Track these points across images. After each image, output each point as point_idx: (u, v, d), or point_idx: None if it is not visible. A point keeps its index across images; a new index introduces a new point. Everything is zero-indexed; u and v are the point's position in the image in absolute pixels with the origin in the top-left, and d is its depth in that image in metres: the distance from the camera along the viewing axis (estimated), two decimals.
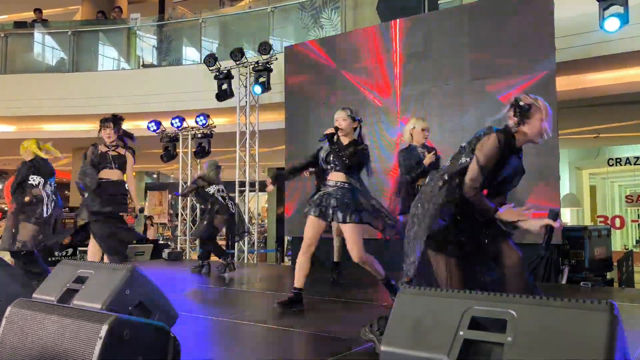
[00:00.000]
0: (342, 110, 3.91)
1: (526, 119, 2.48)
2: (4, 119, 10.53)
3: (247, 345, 3.09)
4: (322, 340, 3.20)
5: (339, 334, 3.31)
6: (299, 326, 3.53)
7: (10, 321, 2.00)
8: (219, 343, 3.08)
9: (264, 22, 9.53)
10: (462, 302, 1.59)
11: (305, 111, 7.96)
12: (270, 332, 3.37)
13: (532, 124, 2.49)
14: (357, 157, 3.77)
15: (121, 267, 2.44)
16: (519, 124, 2.50)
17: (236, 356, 2.88)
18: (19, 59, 11.03)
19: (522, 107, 2.49)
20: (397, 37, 7.15)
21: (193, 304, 4.60)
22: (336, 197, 3.72)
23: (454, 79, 6.55)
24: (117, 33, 11.22)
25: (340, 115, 3.88)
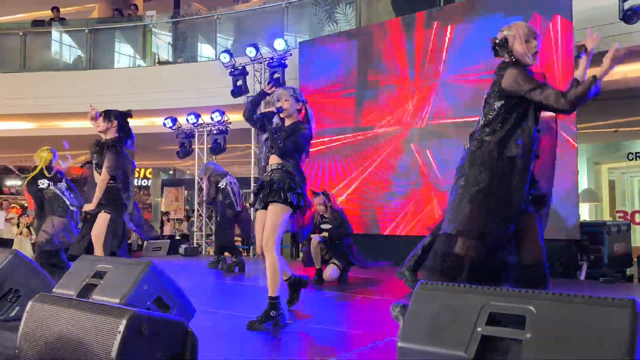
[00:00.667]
0: (284, 90, 3.55)
1: (510, 48, 2.59)
2: (23, 117, 10.67)
3: (263, 340, 3.10)
4: (338, 336, 3.20)
5: (354, 329, 3.31)
6: (314, 322, 3.53)
7: (32, 315, 2.02)
8: (235, 338, 3.09)
9: (278, 18, 9.51)
10: (479, 298, 1.58)
11: (320, 106, 7.95)
12: (285, 327, 3.38)
13: (516, 49, 2.59)
14: (292, 139, 3.35)
15: (139, 262, 2.47)
16: (511, 58, 2.59)
17: (252, 352, 2.89)
18: (37, 57, 11.16)
19: (499, 43, 2.61)
20: (414, 30, 7.10)
21: (209, 299, 4.63)
22: (264, 181, 3.39)
23: (468, 77, 6.50)
24: (133, 30, 11.30)
25: (282, 94, 3.51)
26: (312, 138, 3.50)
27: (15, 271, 3.17)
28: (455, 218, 2.45)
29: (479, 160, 2.50)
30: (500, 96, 2.53)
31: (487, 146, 2.50)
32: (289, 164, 3.37)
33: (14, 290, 3.18)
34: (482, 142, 2.52)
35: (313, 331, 3.29)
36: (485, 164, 2.47)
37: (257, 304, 3.31)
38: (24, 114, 10.46)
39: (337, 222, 5.22)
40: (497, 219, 2.41)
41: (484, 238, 2.40)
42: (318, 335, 3.20)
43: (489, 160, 2.47)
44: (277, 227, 3.25)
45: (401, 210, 7.00)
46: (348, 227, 5.26)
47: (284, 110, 3.44)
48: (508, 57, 2.60)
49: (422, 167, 6.87)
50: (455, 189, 2.53)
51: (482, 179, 2.44)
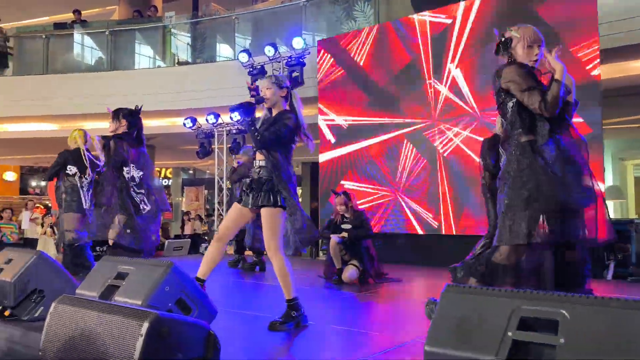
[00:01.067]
0: (266, 79, 3.30)
1: (511, 50, 2.60)
2: (47, 118, 10.84)
3: (284, 342, 3.08)
4: (359, 337, 3.16)
5: (376, 330, 3.27)
6: (335, 322, 3.50)
7: (55, 317, 2.03)
8: (256, 339, 3.08)
9: (296, 17, 9.49)
10: (510, 302, 1.53)
11: (339, 104, 7.92)
12: (307, 328, 3.35)
13: (517, 52, 2.59)
14: (272, 130, 3.10)
15: (161, 263, 2.46)
16: (510, 58, 2.60)
17: (273, 353, 2.87)
18: (59, 59, 11.32)
19: (503, 42, 2.62)
20: (432, 27, 7.01)
21: (229, 298, 4.63)
22: (253, 179, 3.19)
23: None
24: (153, 31, 11.38)
25: (262, 84, 3.27)
26: (300, 127, 3.21)
27: (39, 272, 3.20)
28: (504, 226, 2.41)
29: (518, 164, 2.46)
30: (508, 95, 2.52)
31: (523, 148, 2.47)
32: (274, 159, 3.13)
33: (38, 291, 3.20)
34: (517, 146, 2.48)
35: (334, 333, 3.25)
36: (526, 166, 2.43)
37: (278, 303, 3.29)
38: (47, 115, 10.62)
39: (357, 223, 5.17)
40: (546, 222, 2.35)
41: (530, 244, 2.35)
42: (340, 336, 3.17)
43: (528, 162, 2.43)
44: (275, 229, 3.12)
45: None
46: (368, 229, 5.20)
47: (267, 100, 3.21)
48: (507, 58, 2.61)
49: (442, 162, 6.78)
50: (502, 197, 2.49)
51: (525, 183, 2.39)
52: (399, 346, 2.84)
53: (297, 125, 3.18)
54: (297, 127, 3.19)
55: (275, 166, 3.12)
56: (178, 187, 18.47)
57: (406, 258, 6.87)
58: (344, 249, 5.15)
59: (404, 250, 7.05)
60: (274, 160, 3.13)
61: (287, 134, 3.14)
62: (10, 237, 9.28)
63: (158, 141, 11.53)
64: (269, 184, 3.11)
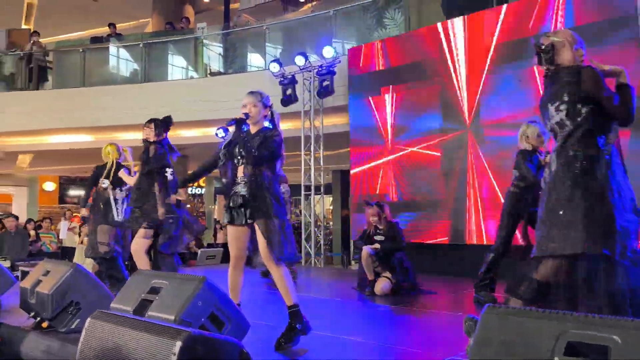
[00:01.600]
0: (251, 95, 3.29)
1: (556, 56, 2.47)
2: (84, 130, 11.11)
3: (317, 355, 3.03)
4: (394, 354, 3.09)
5: (410, 346, 3.19)
6: (368, 337, 3.44)
7: (90, 333, 2.04)
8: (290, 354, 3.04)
9: (326, 26, 9.50)
10: (556, 325, 1.45)
11: (370, 112, 7.87)
12: (341, 342, 3.30)
13: (563, 57, 2.47)
14: (265, 146, 3.12)
15: (193, 278, 2.46)
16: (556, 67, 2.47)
17: None
18: (95, 73, 11.60)
19: (545, 50, 2.49)
20: (465, 33, 6.90)
21: (262, 310, 4.61)
22: (243, 195, 3.13)
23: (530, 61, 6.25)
24: (185, 43, 11.56)
25: (249, 101, 3.26)
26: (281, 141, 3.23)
27: (75, 284, 3.25)
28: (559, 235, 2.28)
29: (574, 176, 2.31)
30: (586, 100, 2.35)
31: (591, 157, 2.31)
32: (262, 173, 3.13)
33: (75, 303, 3.25)
34: (575, 156, 2.33)
35: (367, 348, 3.19)
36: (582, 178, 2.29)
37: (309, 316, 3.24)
38: (84, 127, 10.89)
39: (390, 235, 5.09)
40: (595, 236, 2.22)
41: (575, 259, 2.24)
42: (373, 352, 3.10)
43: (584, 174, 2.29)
44: (270, 240, 3.07)
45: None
46: (401, 241, 5.11)
47: (251, 117, 3.22)
48: (551, 65, 2.48)
49: (474, 169, 6.64)
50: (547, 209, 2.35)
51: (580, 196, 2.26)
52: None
53: (281, 142, 3.21)
54: (281, 143, 3.22)
55: (265, 182, 3.12)
56: (211, 196, 18.67)
57: (438, 268, 6.75)
58: (377, 261, 5.07)
59: (437, 260, 6.92)
60: (262, 176, 3.13)
61: (279, 150, 3.18)
62: (49, 246, 9.52)
63: (191, 151, 11.67)
64: (257, 198, 3.08)
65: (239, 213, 3.14)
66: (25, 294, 3.46)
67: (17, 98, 11.19)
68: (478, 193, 6.61)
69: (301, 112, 9.06)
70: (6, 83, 11.79)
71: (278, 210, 3.10)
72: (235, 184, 3.20)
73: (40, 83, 11.71)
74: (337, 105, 8.85)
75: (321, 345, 3.18)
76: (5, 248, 8.09)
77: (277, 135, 3.19)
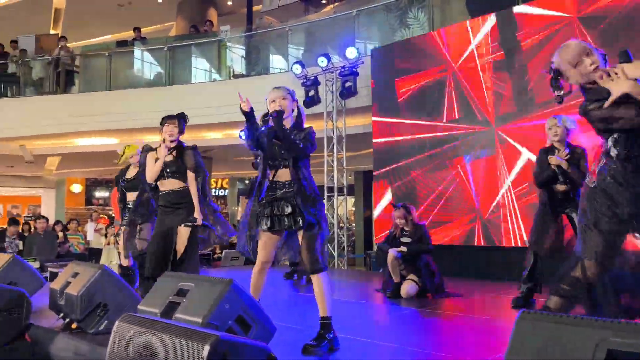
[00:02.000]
0: (278, 89, 3.14)
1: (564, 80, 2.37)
2: (110, 132, 11.29)
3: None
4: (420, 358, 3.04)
5: (437, 350, 3.14)
6: (393, 341, 3.40)
7: (118, 336, 2.05)
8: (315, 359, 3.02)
9: (349, 26, 9.47)
10: (594, 332, 1.40)
11: (394, 113, 7.81)
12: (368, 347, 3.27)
13: (572, 77, 2.35)
14: (308, 139, 3.01)
15: (220, 280, 2.45)
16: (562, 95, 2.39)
17: None
18: (121, 76, 11.78)
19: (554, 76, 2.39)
20: (490, 33, 6.80)
21: (285, 312, 4.60)
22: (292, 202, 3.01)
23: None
24: (209, 46, 11.67)
25: (278, 95, 3.09)
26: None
27: (103, 286, 3.29)
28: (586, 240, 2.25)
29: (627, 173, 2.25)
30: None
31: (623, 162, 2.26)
32: (304, 176, 3.01)
33: (103, 305, 3.29)
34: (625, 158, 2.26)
35: (392, 352, 3.15)
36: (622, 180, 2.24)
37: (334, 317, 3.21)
38: (110, 129, 11.06)
39: (417, 237, 5.04)
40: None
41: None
42: (397, 357, 3.06)
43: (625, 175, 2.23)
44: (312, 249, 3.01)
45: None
46: (428, 243, 5.04)
47: (284, 110, 3.05)
48: (560, 91, 2.38)
49: (500, 171, 6.54)
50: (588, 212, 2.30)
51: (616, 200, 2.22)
52: None
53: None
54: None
55: (305, 183, 3.01)
56: (234, 197, 18.80)
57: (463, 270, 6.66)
58: (403, 263, 5.02)
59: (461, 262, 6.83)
60: (306, 179, 3.03)
61: (314, 147, 3.08)
62: (77, 247, 9.69)
63: (215, 153, 11.77)
64: (298, 208, 2.98)
65: (283, 220, 3.03)
66: (55, 296, 3.52)
67: (45, 102, 11.44)
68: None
69: (324, 113, 9.05)
70: (35, 87, 12.05)
71: (320, 216, 3.04)
72: (275, 188, 3.06)
73: (68, 87, 11.94)
74: (360, 105, 8.82)
75: (346, 347, 3.16)
76: (34, 249, 8.25)
77: (311, 129, 3.10)
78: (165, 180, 4.07)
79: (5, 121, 11.26)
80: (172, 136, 4.10)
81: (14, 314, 3.32)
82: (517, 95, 6.48)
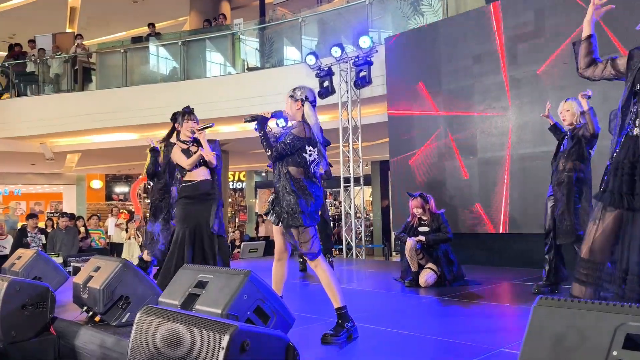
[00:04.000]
0: (288, 94, 3.39)
1: None
2: (128, 128, 11.42)
3: (359, 349, 3.03)
4: (439, 346, 3.05)
5: (456, 338, 3.14)
6: (412, 329, 3.40)
7: (140, 327, 2.09)
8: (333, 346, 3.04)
9: (362, 15, 9.42)
10: (613, 317, 1.39)
11: (408, 102, 7.76)
12: (386, 335, 3.28)
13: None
14: (282, 142, 3.17)
15: (239, 272, 2.48)
16: None
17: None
18: (137, 72, 11.88)
19: None
20: (505, 18, 6.71)
21: (304, 303, 4.64)
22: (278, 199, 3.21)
23: (572, 58, 6.00)
24: (223, 39, 11.69)
25: (286, 98, 3.40)
26: (310, 138, 3.20)
27: (124, 279, 3.35)
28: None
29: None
30: None
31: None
32: (289, 173, 3.16)
33: (125, 298, 3.35)
34: None
35: (412, 340, 3.16)
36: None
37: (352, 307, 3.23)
38: (128, 125, 11.18)
39: (435, 226, 5.02)
40: None
41: None
42: (418, 345, 3.07)
43: None
44: (307, 244, 3.13)
45: None
46: (446, 232, 5.01)
47: (286, 113, 3.37)
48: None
49: (510, 157, 6.47)
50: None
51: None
52: (484, 355, 2.71)
53: (305, 137, 3.18)
54: (305, 139, 3.18)
55: (295, 184, 3.14)
56: (251, 190, 18.91)
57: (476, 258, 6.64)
58: (421, 252, 5.01)
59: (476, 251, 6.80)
60: (292, 177, 3.16)
61: (291, 144, 3.14)
62: (98, 242, 9.85)
63: (231, 146, 11.83)
64: (288, 205, 3.12)
65: (274, 215, 3.26)
66: (78, 290, 3.59)
67: (63, 100, 11.60)
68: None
69: (338, 103, 9.03)
70: (52, 85, 12.22)
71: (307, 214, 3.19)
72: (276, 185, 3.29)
73: (85, 84, 12.09)
74: (375, 95, 8.78)
75: (365, 336, 3.18)
76: (57, 245, 8.41)
77: (297, 130, 3.25)
78: (194, 170, 4.33)
79: (25, 120, 11.46)
80: (195, 129, 4.39)
81: (40, 308, 3.41)
82: (534, 80, 6.39)
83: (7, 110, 11.66)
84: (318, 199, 3.20)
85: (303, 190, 3.15)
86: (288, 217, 3.12)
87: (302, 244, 3.14)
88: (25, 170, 16.13)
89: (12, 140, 11.91)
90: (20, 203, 17.25)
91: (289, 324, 2.61)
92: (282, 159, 3.18)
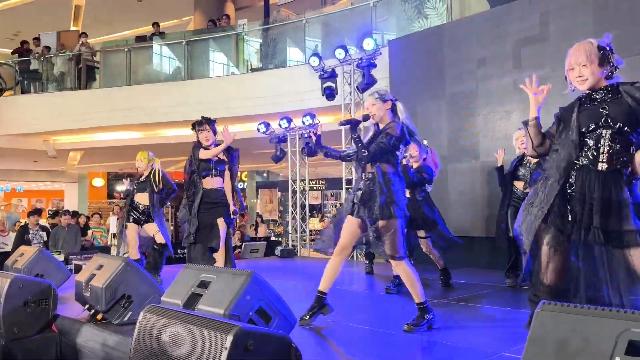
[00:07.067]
0: (370, 96, 3.53)
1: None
2: (131, 127, 11.44)
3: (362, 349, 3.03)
4: (442, 349, 3.05)
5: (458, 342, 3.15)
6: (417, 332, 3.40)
7: (143, 326, 2.10)
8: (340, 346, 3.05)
9: (366, 17, 9.43)
10: (616, 323, 1.39)
11: (412, 105, 7.76)
12: (386, 335, 3.29)
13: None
14: (376, 142, 3.30)
15: (241, 272, 2.49)
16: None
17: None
18: (140, 71, 11.91)
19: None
20: (510, 22, 6.71)
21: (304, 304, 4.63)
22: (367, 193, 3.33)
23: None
24: (226, 39, 11.71)
25: (368, 102, 3.52)
26: (403, 135, 3.33)
27: (127, 278, 3.35)
28: None
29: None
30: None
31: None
32: (382, 171, 3.31)
33: (127, 296, 3.36)
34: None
35: (412, 343, 3.16)
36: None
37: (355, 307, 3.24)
38: (131, 124, 11.21)
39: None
40: None
41: None
42: (418, 348, 3.08)
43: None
44: (394, 239, 3.25)
45: None
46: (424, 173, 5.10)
47: (373, 116, 3.45)
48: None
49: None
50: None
51: None
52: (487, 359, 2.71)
53: (402, 135, 3.32)
54: (402, 137, 3.33)
55: (385, 179, 3.27)
56: (253, 190, 18.92)
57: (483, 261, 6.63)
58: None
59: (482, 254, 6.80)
60: (383, 173, 3.30)
61: (390, 144, 3.28)
62: (100, 240, 9.86)
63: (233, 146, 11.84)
64: (382, 198, 3.24)
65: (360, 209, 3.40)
66: (80, 288, 3.60)
67: (66, 98, 11.64)
68: None
69: (341, 105, 9.04)
70: (56, 83, 12.25)
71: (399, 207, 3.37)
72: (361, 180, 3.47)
73: (89, 82, 12.12)
74: None
75: (365, 338, 3.18)
76: (59, 242, 8.42)
77: (392, 129, 3.40)
78: (212, 178, 4.80)
79: (29, 117, 11.50)
80: (209, 140, 4.79)
81: (42, 306, 3.42)
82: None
83: (11, 107, 11.70)
84: (404, 196, 3.39)
85: (392, 185, 3.28)
86: (379, 209, 3.22)
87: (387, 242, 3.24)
88: (28, 167, 16.16)
89: (15, 137, 11.94)
90: (22, 200, 17.28)
91: (290, 325, 2.61)
92: (377, 159, 3.31)
